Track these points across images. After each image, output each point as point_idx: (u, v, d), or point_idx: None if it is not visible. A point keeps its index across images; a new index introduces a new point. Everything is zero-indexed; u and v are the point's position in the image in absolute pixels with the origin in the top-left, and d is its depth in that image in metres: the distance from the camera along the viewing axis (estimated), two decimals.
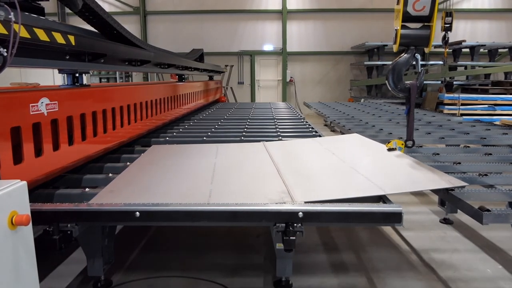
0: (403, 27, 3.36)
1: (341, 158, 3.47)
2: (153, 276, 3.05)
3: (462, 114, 11.16)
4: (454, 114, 10.01)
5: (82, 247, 2.56)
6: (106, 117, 3.38)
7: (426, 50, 3.54)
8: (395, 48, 3.49)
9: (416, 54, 3.49)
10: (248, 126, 5.41)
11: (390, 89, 3.52)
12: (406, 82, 3.48)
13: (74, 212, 2.15)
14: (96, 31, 3.82)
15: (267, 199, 2.35)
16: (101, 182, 2.95)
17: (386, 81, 3.52)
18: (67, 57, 2.83)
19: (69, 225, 2.13)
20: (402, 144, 3.58)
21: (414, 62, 3.46)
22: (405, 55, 3.49)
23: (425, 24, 3.39)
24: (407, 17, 3.34)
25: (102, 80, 16.34)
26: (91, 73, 15.30)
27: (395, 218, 2.13)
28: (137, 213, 2.14)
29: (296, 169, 3.12)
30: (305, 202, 2.28)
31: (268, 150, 3.80)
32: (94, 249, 2.54)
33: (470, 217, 2.41)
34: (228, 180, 2.86)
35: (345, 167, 3.16)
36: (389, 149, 3.61)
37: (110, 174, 3.02)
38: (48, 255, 3.25)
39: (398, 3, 3.35)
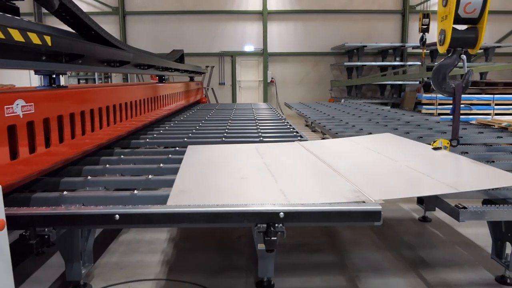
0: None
1: (389, 157, 3.48)
2: (133, 280, 3.01)
3: (439, 114, 11.39)
4: (432, 114, 10.21)
5: (60, 251, 2.52)
6: (85, 118, 3.32)
7: (473, 51, 3.60)
8: (442, 49, 3.53)
9: (462, 55, 3.55)
10: (230, 127, 5.40)
11: (435, 89, 3.58)
12: (451, 82, 3.55)
13: (51, 216, 2.11)
14: (74, 31, 3.76)
15: (344, 198, 2.35)
16: (79, 185, 2.90)
17: (431, 82, 3.57)
18: (44, 58, 2.77)
19: (46, 229, 2.09)
20: (448, 143, 3.64)
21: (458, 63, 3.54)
22: (451, 56, 3.55)
23: (472, 26, 3.46)
24: (456, 19, 3.39)
25: (81, 81, 16.07)
26: (69, 74, 15.04)
27: (374, 216, 2.16)
28: (117, 216, 2.11)
29: (351, 168, 3.09)
30: (383, 200, 2.30)
31: (309, 149, 3.78)
32: (72, 253, 2.50)
33: (448, 215, 2.47)
34: (292, 179, 2.82)
35: (401, 166, 3.15)
36: (435, 148, 3.66)
37: (89, 177, 2.98)
38: (24, 260, 3.19)
39: (445, 5, 3.39)
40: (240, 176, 2.88)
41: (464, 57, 3.54)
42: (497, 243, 2.82)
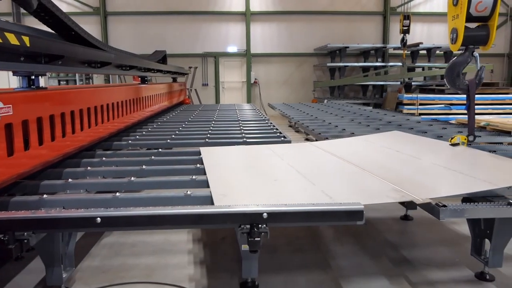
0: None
1: (410, 154, 3.50)
2: (115, 283, 2.97)
3: (420, 114, 11.58)
4: (413, 114, 10.36)
5: (40, 256, 2.47)
6: (65, 120, 3.27)
7: (485, 49, 3.66)
8: (455, 48, 3.57)
9: (475, 53, 3.61)
10: (213, 128, 5.39)
11: (448, 86, 3.64)
12: (465, 79, 3.61)
13: (31, 219, 2.07)
14: (53, 32, 3.70)
15: (390, 198, 2.37)
16: (59, 188, 2.85)
17: (445, 79, 3.63)
18: (22, 59, 2.72)
19: (25, 233, 2.05)
20: (465, 139, 3.71)
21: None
22: (464, 53, 3.60)
23: (483, 24, 3.51)
24: (468, 18, 3.43)
25: (61, 82, 15.81)
26: (49, 75, 14.78)
27: (356, 216, 2.18)
28: (98, 218, 2.09)
29: (378, 167, 3.09)
30: (430, 199, 2.34)
31: (325, 150, 3.77)
32: (53, 257, 2.45)
33: (429, 213, 2.50)
34: (328, 180, 2.81)
35: (428, 164, 3.16)
36: (453, 144, 3.72)
37: (70, 180, 2.93)
38: (3, 266, 3.12)
39: (456, 4, 3.43)
40: (273, 179, 2.86)
41: (476, 54, 3.62)
42: (476, 240, 2.88)
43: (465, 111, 3.79)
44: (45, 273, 2.51)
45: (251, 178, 2.90)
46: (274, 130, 5.23)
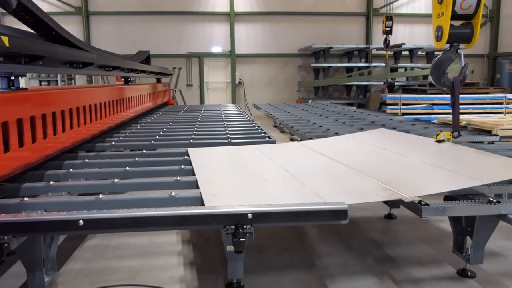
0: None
1: (397, 152, 3.51)
2: (99, 286, 2.94)
3: (403, 114, 11.72)
4: (396, 114, 10.49)
5: (21, 260, 2.42)
6: (46, 122, 3.21)
7: (469, 46, 3.71)
8: (440, 45, 3.61)
9: (459, 50, 3.65)
10: (197, 129, 5.36)
11: (434, 83, 3.68)
12: (449, 76, 3.66)
13: (11, 223, 2.02)
14: (34, 32, 3.63)
15: (379, 196, 2.39)
16: (41, 190, 2.80)
17: (430, 76, 3.66)
18: (1, 59, 2.66)
19: (5, 237, 2.01)
20: (451, 135, 3.75)
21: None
22: (448, 51, 3.64)
23: (467, 22, 3.56)
24: (453, 15, 3.47)
25: (43, 83, 15.54)
26: (30, 76, 14.52)
27: (341, 215, 2.20)
28: (81, 221, 2.05)
29: (366, 166, 3.09)
30: (419, 197, 2.37)
31: (313, 149, 3.76)
32: (34, 262, 2.41)
33: (411, 212, 2.54)
34: (317, 180, 2.79)
35: (414, 162, 3.17)
36: (438, 141, 3.74)
37: (51, 182, 2.88)
38: None
39: (441, 2, 3.47)
40: (263, 179, 2.85)
41: (461, 52, 3.68)
42: (458, 237, 2.93)
43: (447, 111, 3.88)
44: (27, 277, 2.47)
45: (241, 178, 2.89)
46: (259, 130, 5.23)
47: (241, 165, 3.24)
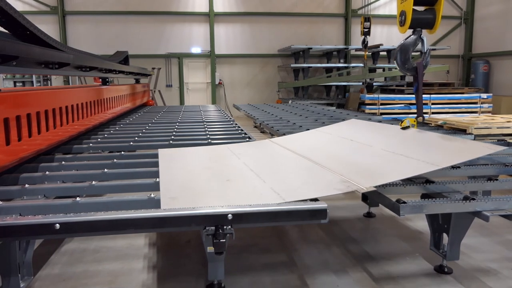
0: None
1: (363, 142, 3.51)
2: None
3: (381, 113, 11.90)
4: (374, 113, 10.65)
5: None
6: (21, 123, 3.14)
7: (431, 32, 3.74)
8: (403, 30, 3.66)
9: (422, 36, 3.70)
10: (177, 130, 5.32)
11: (398, 68, 3.71)
12: (412, 62, 3.70)
13: None
14: (7, 31, 3.54)
15: (337, 190, 2.39)
16: (16, 194, 2.73)
17: (395, 61, 3.70)
18: None
19: None
20: (415, 121, 3.77)
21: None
22: (412, 36, 3.68)
23: (430, 7, 3.60)
24: (416, 1, 3.51)
25: (17, 84, 15.18)
26: (4, 77, 14.16)
27: (320, 215, 2.21)
28: (57, 225, 2.01)
29: (331, 159, 3.10)
30: (374, 187, 2.39)
31: (282, 145, 3.74)
32: (9, 267, 2.35)
33: (390, 210, 2.58)
34: (279, 177, 2.77)
35: (377, 151, 3.18)
36: (404, 128, 3.76)
37: (27, 185, 2.81)
38: None
39: None
40: (226, 179, 2.83)
41: (424, 37, 3.74)
42: (435, 234, 2.99)
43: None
44: (1, 283, 2.40)
45: (204, 179, 2.87)
46: (240, 131, 5.23)
47: (208, 166, 3.23)
